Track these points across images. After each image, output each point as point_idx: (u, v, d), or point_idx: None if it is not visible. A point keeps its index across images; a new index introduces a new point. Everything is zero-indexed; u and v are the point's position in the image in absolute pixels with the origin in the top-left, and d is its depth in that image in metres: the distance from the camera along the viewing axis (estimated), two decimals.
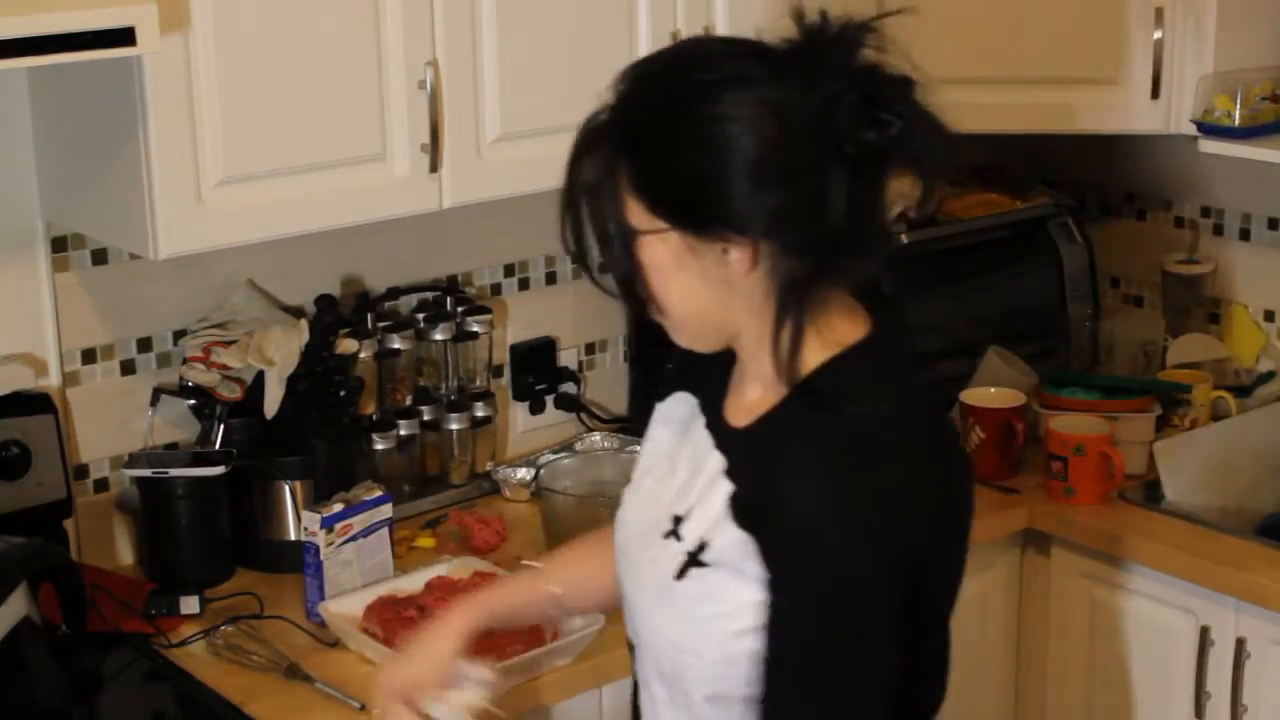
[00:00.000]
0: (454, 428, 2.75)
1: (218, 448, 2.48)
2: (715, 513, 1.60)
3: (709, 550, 1.60)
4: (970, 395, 2.86)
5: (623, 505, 1.79)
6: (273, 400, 2.47)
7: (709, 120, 1.52)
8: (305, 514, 2.36)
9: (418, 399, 2.74)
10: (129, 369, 2.53)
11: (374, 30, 2.28)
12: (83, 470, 2.51)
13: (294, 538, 2.47)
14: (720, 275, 1.56)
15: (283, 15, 2.20)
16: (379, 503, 2.40)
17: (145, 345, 2.53)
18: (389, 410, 2.71)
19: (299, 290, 2.65)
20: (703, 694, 1.62)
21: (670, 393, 1.77)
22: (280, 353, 2.47)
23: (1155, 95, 2.81)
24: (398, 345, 2.71)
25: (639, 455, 1.80)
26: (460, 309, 2.77)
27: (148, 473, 2.43)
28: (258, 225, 2.26)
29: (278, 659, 2.24)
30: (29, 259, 2.42)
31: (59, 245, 2.43)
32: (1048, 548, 2.79)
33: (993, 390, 2.88)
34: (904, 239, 2.99)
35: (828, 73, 1.52)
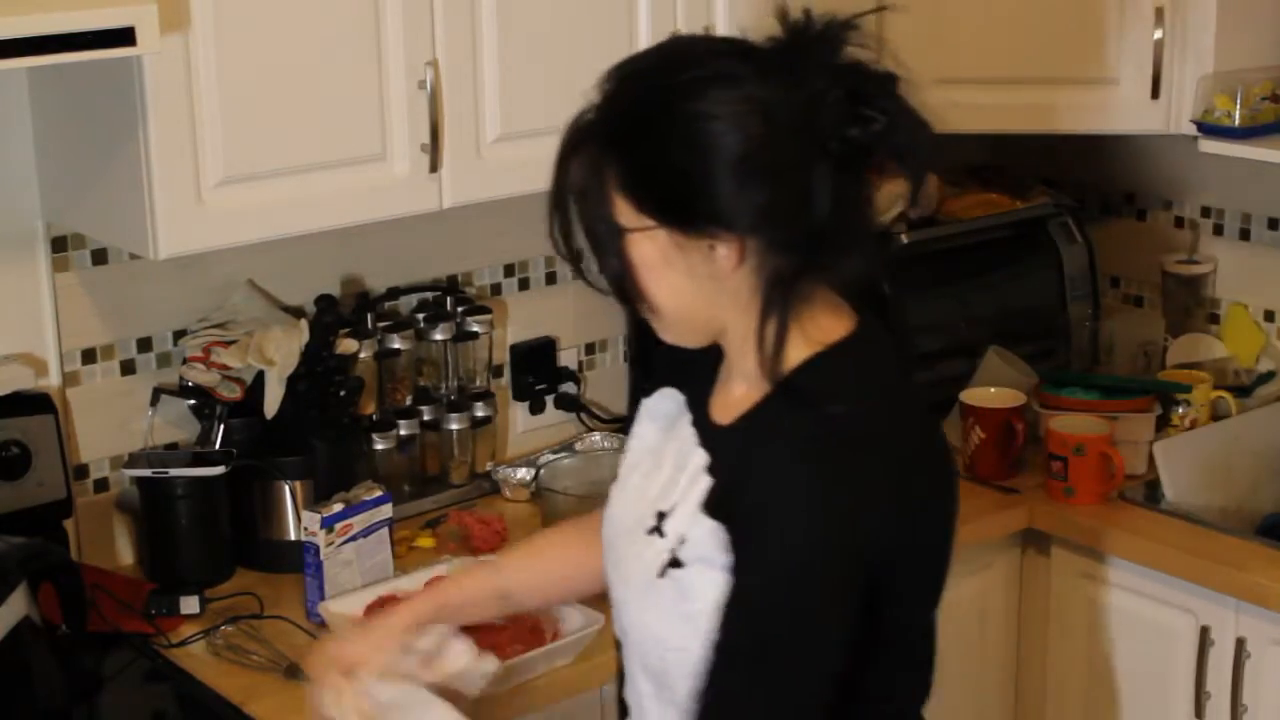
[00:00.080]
0: (454, 428, 2.75)
1: (218, 448, 2.48)
2: (694, 507, 1.62)
3: (686, 545, 1.61)
4: (970, 395, 2.86)
5: (610, 502, 1.80)
6: (273, 400, 2.47)
7: (694, 118, 1.53)
8: (305, 514, 2.36)
9: (418, 399, 2.74)
10: (129, 369, 2.53)
11: (374, 30, 2.29)
12: (83, 470, 2.51)
13: (294, 538, 2.47)
14: (708, 271, 1.58)
15: (283, 15, 2.20)
16: (379, 503, 2.40)
17: (145, 345, 2.53)
18: (389, 410, 2.71)
19: (299, 290, 2.65)
20: (688, 689, 1.63)
21: (657, 389, 1.79)
22: (280, 353, 2.47)
23: (1155, 95, 2.81)
24: (398, 345, 2.71)
25: (625, 451, 1.82)
26: (460, 309, 2.77)
27: (148, 473, 2.43)
28: (258, 225, 2.26)
29: (278, 659, 2.24)
30: (29, 259, 2.42)
31: (59, 245, 2.43)
32: (1048, 548, 2.79)
33: (993, 390, 2.88)
34: (904, 239, 2.99)
35: (812, 70, 1.54)
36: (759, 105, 1.52)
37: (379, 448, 2.66)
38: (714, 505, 1.60)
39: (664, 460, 1.71)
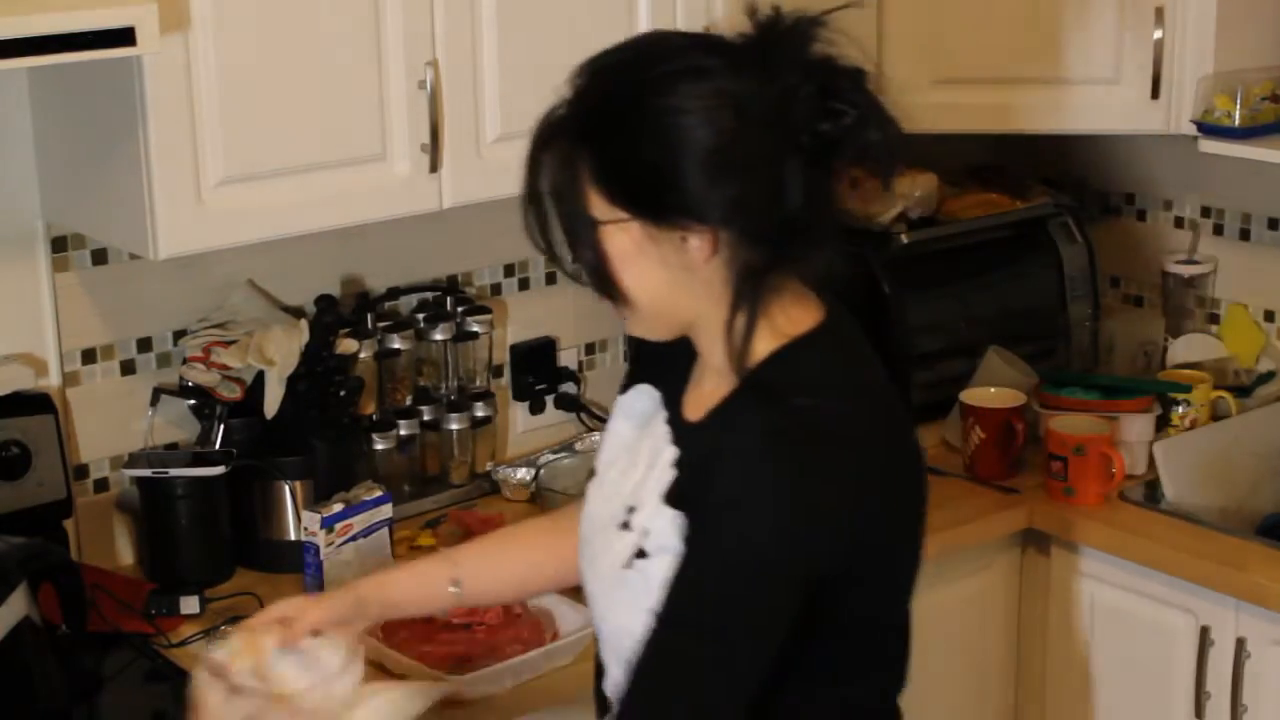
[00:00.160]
0: (454, 428, 2.75)
1: (218, 448, 2.48)
2: (657, 500, 1.65)
3: (650, 536, 1.64)
4: (970, 395, 2.86)
5: (587, 499, 1.82)
6: (273, 400, 2.47)
7: (665, 112, 1.55)
8: (305, 514, 2.36)
9: (418, 399, 2.74)
10: (129, 369, 2.53)
11: (374, 30, 2.29)
12: (83, 470, 2.51)
13: (294, 538, 2.47)
14: (680, 263, 1.60)
15: (283, 15, 2.20)
16: (379, 503, 2.40)
17: (145, 345, 2.53)
18: (389, 410, 2.71)
19: (299, 290, 2.65)
20: None
21: (632, 385, 1.81)
22: (280, 353, 2.47)
23: (1155, 95, 2.81)
24: (398, 345, 2.71)
25: (600, 448, 1.83)
26: (460, 309, 2.77)
27: (148, 473, 2.43)
28: (258, 225, 2.26)
29: None
30: (29, 259, 2.42)
31: (59, 245, 2.43)
32: (1048, 548, 2.79)
33: (993, 390, 2.88)
34: (904, 239, 3.00)
35: (783, 65, 1.56)
36: (730, 99, 1.55)
37: (379, 448, 2.66)
38: (676, 496, 1.63)
39: (639, 457, 1.73)
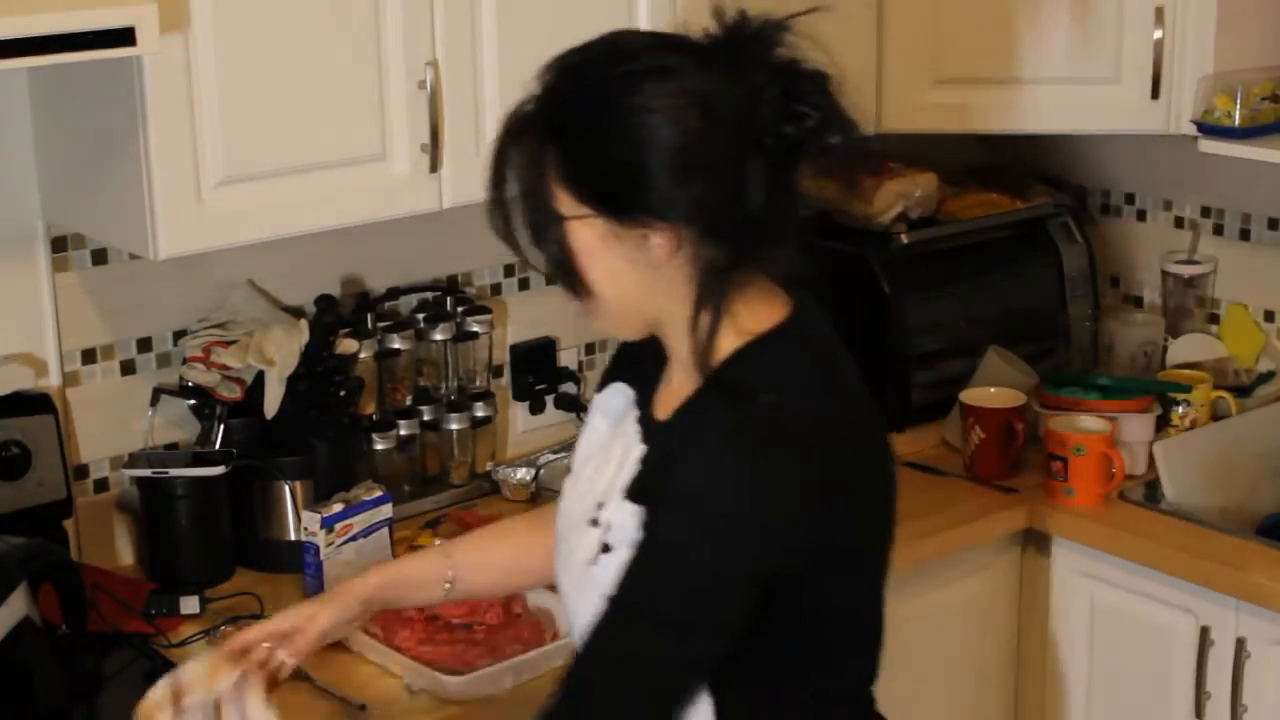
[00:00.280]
0: (454, 428, 2.75)
1: (218, 448, 2.48)
2: (620, 494, 1.67)
3: (612, 530, 1.65)
4: (970, 395, 2.86)
5: (562, 496, 1.83)
6: (273, 400, 2.47)
7: (631, 111, 1.57)
8: (305, 514, 2.36)
9: (418, 399, 2.74)
10: (129, 369, 2.53)
11: (374, 30, 2.28)
12: (83, 470, 2.51)
13: (294, 538, 2.47)
14: (643, 260, 1.62)
15: (283, 15, 2.20)
16: (379, 503, 2.40)
17: (145, 345, 2.53)
18: (389, 410, 2.71)
19: (299, 290, 2.65)
20: None
21: (609, 384, 1.82)
22: (280, 353, 2.47)
23: (1155, 95, 2.81)
24: (398, 345, 2.71)
25: (577, 445, 1.84)
26: (460, 309, 2.77)
27: (148, 473, 2.43)
28: (258, 225, 2.26)
29: None
30: (29, 259, 2.42)
31: (59, 245, 2.43)
32: (1048, 548, 2.79)
33: (993, 390, 2.88)
34: (904, 239, 3.00)
35: (748, 66, 1.58)
36: (696, 99, 1.56)
37: (379, 448, 2.66)
38: (638, 492, 1.64)
39: (611, 455, 1.74)
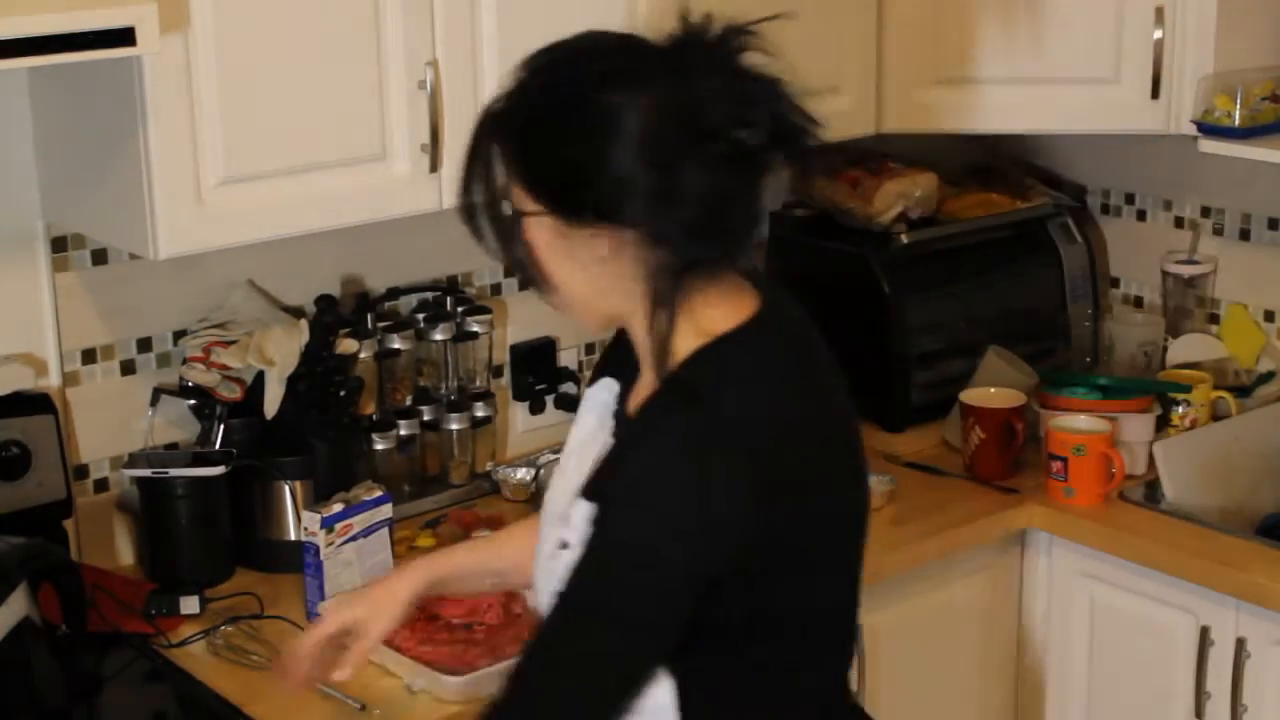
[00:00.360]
0: (454, 428, 2.75)
1: (218, 448, 2.48)
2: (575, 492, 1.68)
3: (569, 527, 1.66)
4: (970, 395, 2.86)
5: (548, 490, 1.84)
6: (273, 400, 2.47)
7: (584, 111, 1.59)
8: (305, 514, 2.36)
9: (418, 399, 2.74)
10: (129, 369, 2.53)
11: (374, 30, 2.29)
12: (83, 470, 2.51)
13: (294, 538, 2.47)
14: (593, 258, 1.63)
15: (283, 15, 2.20)
16: (379, 503, 2.40)
17: (145, 345, 2.53)
18: (389, 410, 2.71)
19: (299, 290, 2.65)
20: None
21: (598, 378, 1.83)
22: (280, 353, 2.47)
23: (1155, 95, 2.81)
24: (398, 345, 2.70)
25: (567, 440, 1.85)
26: (460, 309, 2.77)
27: (148, 473, 2.43)
28: (258, 225, 2.26)
29: (278, 659, 2.23)
30: (29, 259, 2.42)
31: (59, 245, 2.43)
32: (1048, 548, 2.79)
33: (993, 390, 2.88)
34: (904, 239, 3.00)
35: (703, 70, 1.58)
36: (649, 102, 1.57)
37: (379, 448, 2.66)
38: (591, 489, 1.65)
39: (592, 450, 1.75)
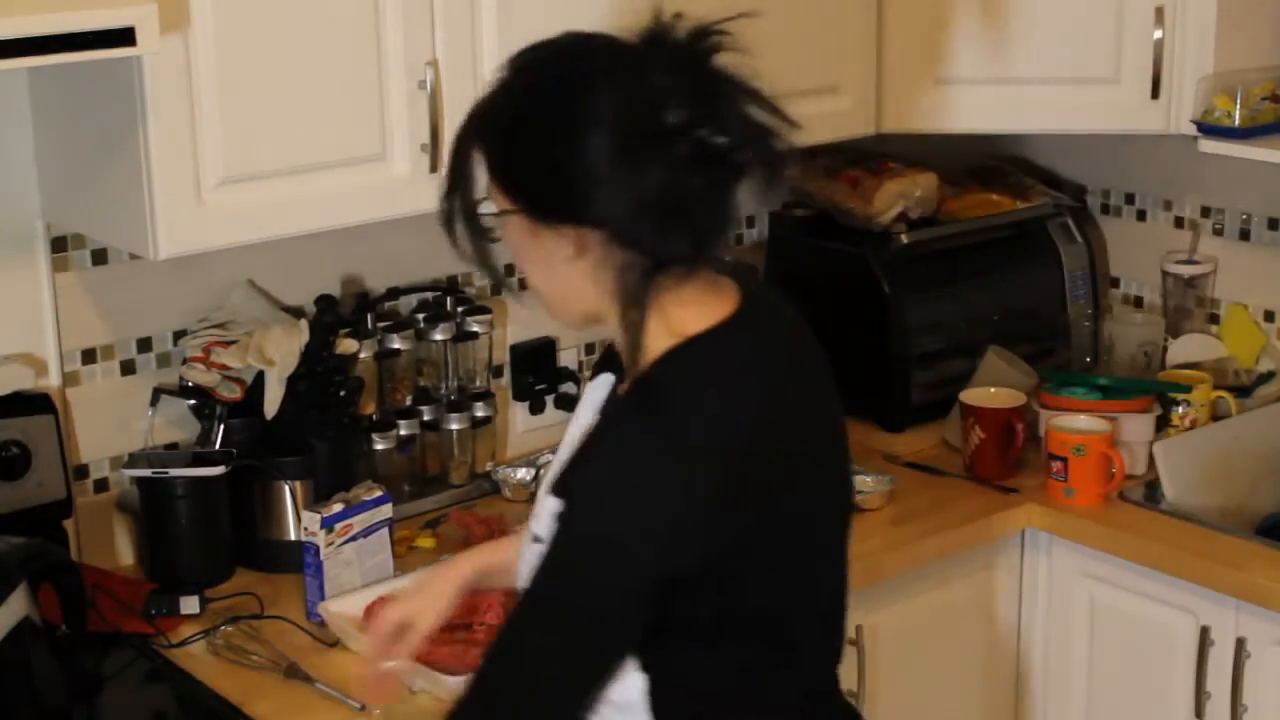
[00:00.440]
0: (454, 428, 2.75)
1: (218, 448, 2.48)
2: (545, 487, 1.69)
3: (539, 521, 1.67)
4: (970, 395, 2.86)
5: (545, 485, 1.83)
6: (273, 400, 2.48)
7: (555, 111, 1.60)
8: (305, 514, 2.36)
9: (418, 399, 2.74)
10: (129, 369, 2.53)
11: (374, 30, 2.29)
12: (83, 470, 2.51)
13: (294, 538, 2.47)
14: (563, 257, 1.64)
15: (282, 15, 2.20)
16: (379, 503, 2.40)
17: (145, 345, 2.54)
18: (389, 410, 2.71)
19: (299, 290, 2.65)
20: None
21: (597, 374, 1.83)
22: (280, 353, 2.47)
23: (1155, 95, 2.81)
24: (398, 345, 2.71)
25: (565, 434, 1.85)
26: (460, 309, 2.77)
27: (148, 473, 2.43)
28: (258, 225, 2.26)
29: (278, 659, 2.24)
30: (29, 259, 2.42)
31: (59, 245, 2.43)
32: (1048, 548, 2.79)
33: (993, 390, 2.88)
34: (904, 239, 3.00)
35: (670, 70, 1.59)
36: (615, 100, 1.58)
37: (379, 448, 2.66)
38: (559, 486, 1.65)
39: None
